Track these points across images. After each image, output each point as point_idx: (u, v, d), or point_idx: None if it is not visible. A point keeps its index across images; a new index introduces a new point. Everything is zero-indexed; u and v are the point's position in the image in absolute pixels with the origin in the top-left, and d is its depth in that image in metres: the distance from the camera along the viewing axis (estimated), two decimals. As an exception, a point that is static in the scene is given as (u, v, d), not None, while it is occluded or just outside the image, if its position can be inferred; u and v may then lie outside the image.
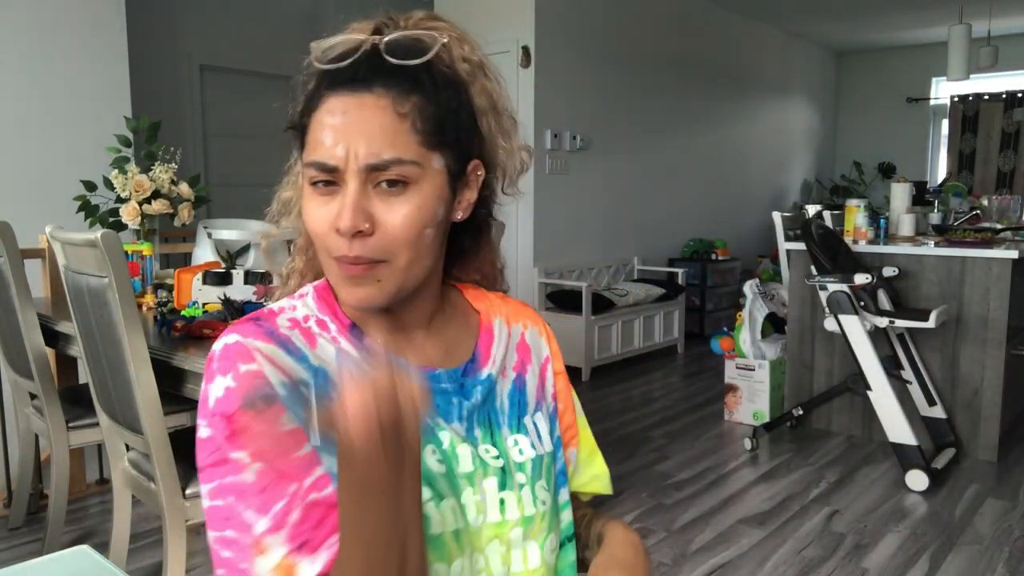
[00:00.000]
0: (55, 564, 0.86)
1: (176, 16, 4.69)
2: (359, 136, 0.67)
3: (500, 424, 0.80)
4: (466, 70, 0.74)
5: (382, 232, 0.68)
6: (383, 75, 0.68)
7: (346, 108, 0.67)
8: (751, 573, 2.33)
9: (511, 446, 0.80)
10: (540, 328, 0.90)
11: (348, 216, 0.66)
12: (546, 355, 0.89)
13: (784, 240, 3.88)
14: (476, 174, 0.75)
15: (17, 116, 3.07)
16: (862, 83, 8.40)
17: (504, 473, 0.77)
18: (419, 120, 0.68)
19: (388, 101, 0.67)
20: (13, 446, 2.79)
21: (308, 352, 0.71)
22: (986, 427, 3.31)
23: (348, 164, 0.67)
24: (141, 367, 1.73)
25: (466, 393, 0.79)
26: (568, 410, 0.90)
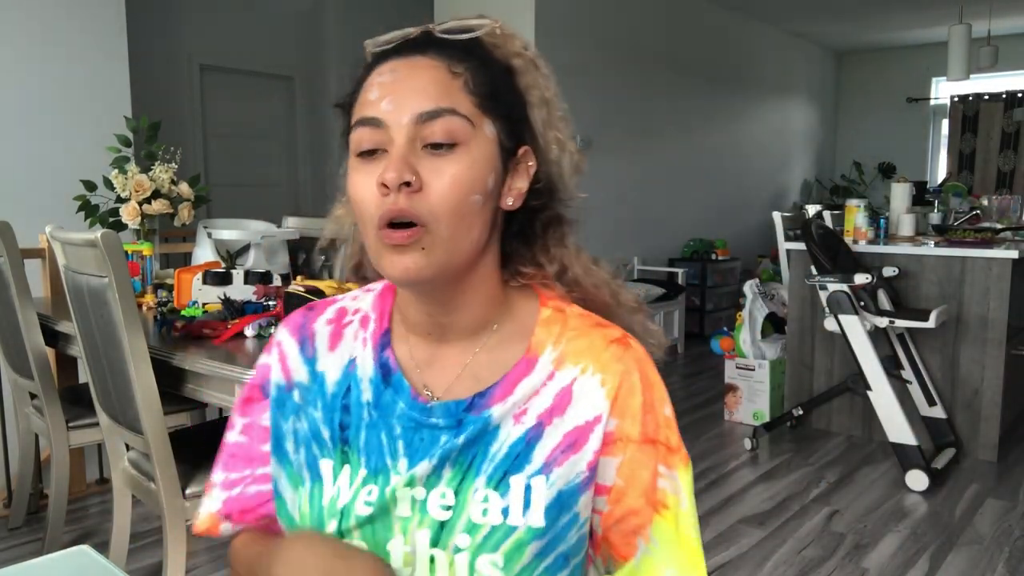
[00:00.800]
0: (55, 564, 0.86)
1: (176, 16, 4.69)
2: (409, 90, 0.64)
3: (480, 471, 0.68)
4: (519, 63, 0.72)
5: (428, 191, 0.63)
6: (436, 44, 0.67)
7: (395, 68, 0.66)
8: (751, 573, 2.33)
9: (476, 500, 0.68)
10: (607, 378, 0.70)
11: (394, 167, 0.62)
12: (599, 412, 0.69)
13: (784, 240, 3.88)
14: (527, 163, 0.71)
15: (17, 116, 3.07)
16: (862, 83, 8.40)
17: (441, 528, 0.68)
18: (472, 82, 0.66)
19: (442, 62, 0.66)
20: (13, 446, 2.79)
21: (321, 354, 0.76)
22: (986, 427, 3.31)
23: (396, 119, 0.64)
24: (141, 367, 1.73)
25: (459, 431, 0.70)
26: (631, 492, 0.70)
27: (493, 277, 0.72)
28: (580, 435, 0.69)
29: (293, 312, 0.81)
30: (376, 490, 0.70)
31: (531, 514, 0.67)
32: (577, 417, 0.69)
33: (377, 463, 0.71)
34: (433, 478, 0.69)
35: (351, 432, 0.72)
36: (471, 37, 0.68)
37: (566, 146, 0.74)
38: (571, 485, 0.69)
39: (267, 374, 0.78)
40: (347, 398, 0.73)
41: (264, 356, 0.79)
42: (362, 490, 0.70)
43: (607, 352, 0.71)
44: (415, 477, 0.69)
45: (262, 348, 1.45)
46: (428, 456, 0.69)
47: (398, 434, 0.71)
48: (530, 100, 0.71)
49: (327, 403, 0.74)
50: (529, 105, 0.71)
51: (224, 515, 0.79)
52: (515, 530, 0.67)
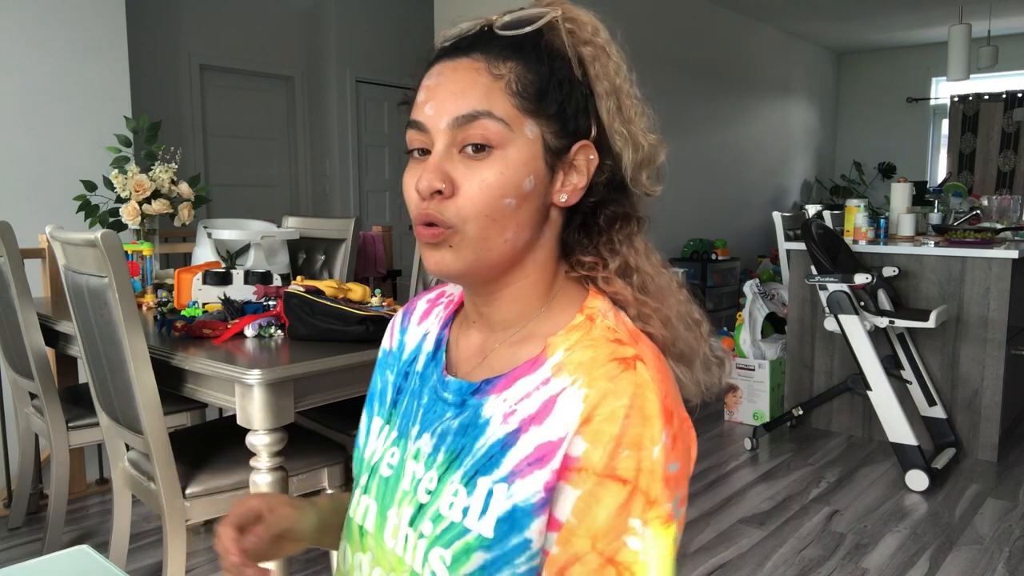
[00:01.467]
0: (55, 564, 0.86)
1: (176, 16, 4.69)
2: (448, 94, 0.66)
3: (461, 464, 0.67)
4: (587, 52, 0.70)
5: (458, 196, 0.65)
6: (484, 43, 0.67)
7: (441, 70, 0.67)
8: (751, 573, 2.33)
9: (448, 493, 0.67)
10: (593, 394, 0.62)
11: (426, 176, 0.65)
12: (566, 432, 0.62)
13: (784, 240, 3.88)
14: (587, 158, 0.69)
15: (17, 116, 3.07)
16: (862, 83, 8.40)
17: (419, 510, 0.69)
18: (515, 83, 0.65)
19: (483, 64, 0.66)
20: (13, 446, 2.79)
21: (411, 327, 0.83)
22: (986, 427, 3.31)
23: (436, 123, 0.65)
24: (141, 367, 1.73)
25: (459, 412, 0.70)
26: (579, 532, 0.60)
27: (542, 272, 0.71)
28: (548, 451, 0.63)
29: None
30: (398, 454, 0.75)
31: (484, 521, 0.64)
32: (551, 431, 0.63)
33: (404, 427, 0.76)
34: (431, 459, 0.71)
35: (401, 396, 0.79)
36: (529, 31, 0.67)
37: (634, 138, 0.72)
38: (527, 503, 0.62)
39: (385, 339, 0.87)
40: (411, 366, 0.80)
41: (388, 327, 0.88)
42: (388, 451, 0.76)
43: (603, 368, 0.63)
44: (420, 451, 0.73)
45: (262, 348, 1.46)
46: (430, 429, 0.73)
47: (423, 403, 0.75)
48: (597, 91, 0.70)
49: (399, 368, 0.81)
50: (596, 96, 0.70)
51: None
52: (467, 533, 0.64)
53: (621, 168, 0.71)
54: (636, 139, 0.72)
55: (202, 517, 1.85)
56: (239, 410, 1.65)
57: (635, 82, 0.75)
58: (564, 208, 0.70)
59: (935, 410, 3.33)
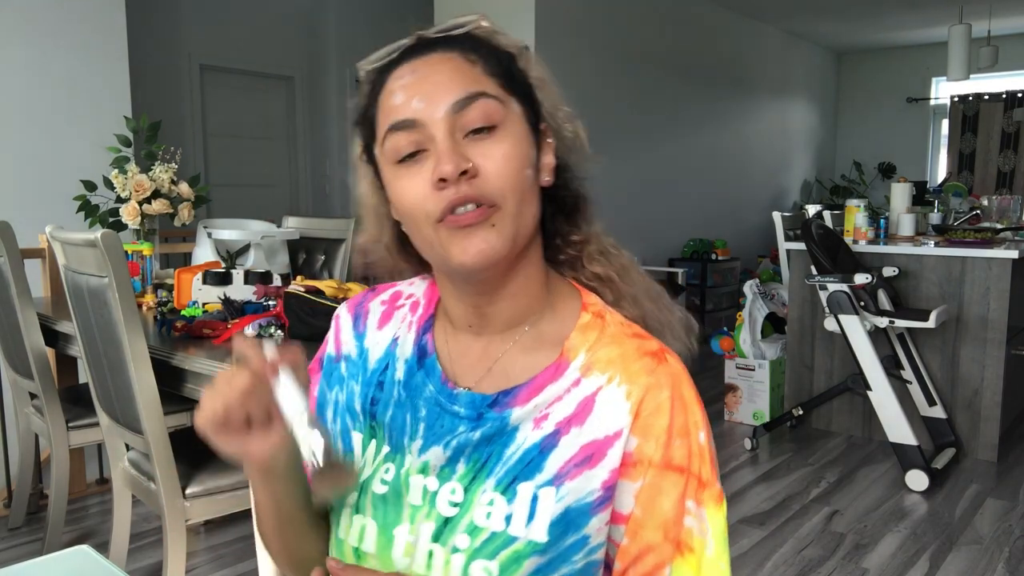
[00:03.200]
0: (55, 564, 0.86)
1: (176, 16, 4.69)
2: (435, 84, 0.64)
3: (491, 472, 0.66)
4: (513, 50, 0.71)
5: (485, 172, 0.62)
6: (440, 42, 0.67)
7: (414, 68, 0.65)
8: (751, 573, 2.33)
9: (482, 502, 0.66)
10: (633, 391, 0.65)
11: (448, 159, 0.61)
12: (619, 428, 0.64)
13: (784, 240, 3.88)
14: (547, 140, 0.70)
15: (17, 116, 3.07)
16: (862, 83, 8.40)
17: (445, 524, 0.66)
18: (488, 66, 0.66)
19: (455, 53, 0.65)
20: (13, 446, 2.79)
21: (370, 332, 0.78)
22: (986, 427, 3.31)
23: (430, 115, 0.63)
24: (141, 367, 1.73)
25: (478, 424, 0.68)
26: (648, 523, 0.64)
27: (537, 262, 0.71)
28: (598, 449, 0.64)
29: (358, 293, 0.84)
30: (393, 470, 0.71)
31: (534, 527, 0.64)
32: (596, 430, 0.65)
33: (398, 441, 0.72)
34: (447, 471, 0.68)
35: (379, 408, 0.74)
36: (464, 32, 0.68)
37: (572, 122, 0.74)
38: (582, 503, 0.64)
39: (323, 348, 0.81)
40: (383, 375, 0.75)
41: (331, 332, 0.82)
42: (381, 467, 0.72)
43: (638, 363, 0.66)
44: (428, 465, 0.69)
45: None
46: (441, 443, 0.68)
47: (422, 416, 0.71)
48: (533, 82, 0.71)
49: (366, 378, 0.76)
50: (534, 87, 0.71)
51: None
52: (515, 540, 0.64)
53: (570, 151, 0.73)
54: (574, 123, 0.74)
55: (202, 517, 1.85)
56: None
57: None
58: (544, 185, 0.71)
59: (935, 410, 3.33)
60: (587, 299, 0.72)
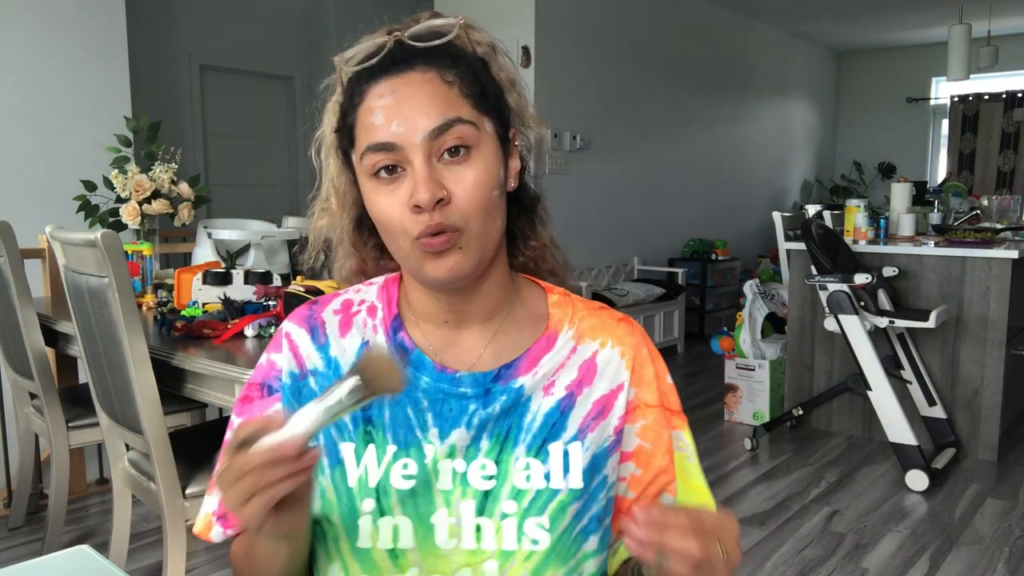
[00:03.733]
0: (55, 564, 0.86)
1: (176, 16, 4.69)
2: (413, 108, 0.67)
3: (518, 441, 0.74)
4: (486, 52, 0.74)
5: (456, 199, 0.67)
6: (419, 56, 0.69)
7: (394, 88, 0.68)
8: (751, 573, 2.33)
9: (518, 468, 0.73)
10: (625, 350, 0.78)
11: (425, 189, 0.65)
12: (621, 381, 0.77)
13: (784, 240, 3.88)
14: (515, 143, 0.75)
15: (17, 116, 3.07)
16: (862, 83, 8.40)
17: (486, 497, 0.72)
18: (465, 86, 0.69)
19: (433, 74, 0.68)
20: (13, 446, 2.79)
21: (333, 341, 0.77)
22: (986, 427, 3.31)
23: (408, 139, 0.66)
24: (141, 367, 1.73)
25: (488, 400, 0.74)
26: (658, 452, 0.77)
27: (504, 261, 0.77)
28: (607, 402, 0.76)
29: (296, 309, 0.82)
30: (413, 463, 0.73)
31: (571, 477, 0.73)
32: (603, 386, 0.76)
33: (407, 437, 0.74)
34: (472, 450, 0.73)
35: (374, 411, 0.75)
36: (444, 42, 0.70)
37: (536, 123, 0.78)
38: (602, 448, 0.75)
39: (271, 371, 0.78)
40: None
41: (269, 353, 0.79)
42: (394, 465, 0.73)
43: (619, 328, 0.79)
44: (455, 447, 0.73)
45: (263, 348, 1.43)
46: (461, 424, 0.73)
47: (425, 407, 0.74)
48: (503, 85, 0.74)
49: None
50: (504, 90, 0.74)
51: (218, 516, 0.76)
52: (558, 493, 0.73)
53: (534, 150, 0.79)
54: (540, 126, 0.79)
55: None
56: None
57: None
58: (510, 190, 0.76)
59: (935, 410, 3.33)
60: (545, 285, 0.82)
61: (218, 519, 0.76)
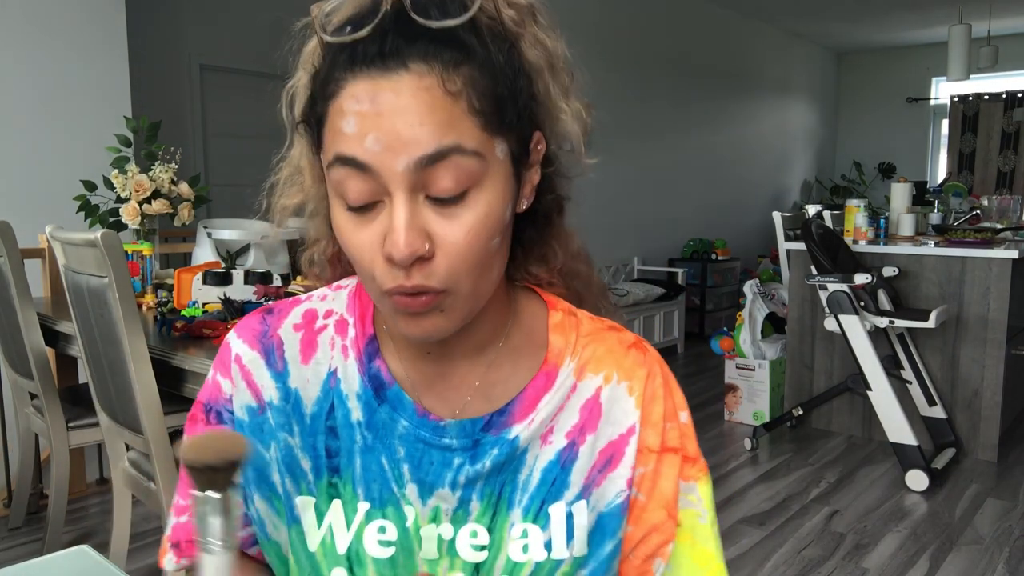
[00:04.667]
0: (55, 564, 0.86)
1: (176, 16, 4.69)
2: (398, 125, 0.49)
3: (513, 504, 0.61)
4: (512, 18, 0.54)
5: (442, 254, 0.51)
6: (420, 43, 0.50)
7: (375, 92, 0.49)
8: (751, 573, 2.33)
9: (514, 536, 0.60)
10: (634, 386, 0.63)
11: (404, 241, 0.50)
12: (631, 424, 0.62)
13: (784, 240, 3.88)
14: (538, 149, 0.58)
15: (17, 116, 3.07)
16: (862, 83, 8.40)
17: (477, 572, 0.61)
18: (475, 97, 0.50)
19: (434, 79, 0.49)
20: (13, 446, 2.79)
21: (292, 368, 0.63)
22: (986, 427, 3.31)
23: (387, 164, 0.49)
24: (141, 367, 1.73)
25: (476, 455, 0.61)
26: (653, 506, 0.63)
27: (502, 283, 0.62)
28: (615, 450, 0.62)
29: (246, 317, 0.66)
30: (391, 527, 0.61)
31: (575, 544, 0.61)
32: (610, 431, 0.62)
33: (382, 493, 0.61)
34: (460, 514, 0.61)
35: (342, 460, 0.62)
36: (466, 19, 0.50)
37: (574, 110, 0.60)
38: (612, 506, 0.62)
39: (217, 395, 0.65)
40: (331, 419, 0.62)
41: (216, 371, 0.65)
42: (368, 527, 0.61)
43: (628, 358, 0.64)
44: (439, 511, 0.61)
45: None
46: (445, 484, 0.60)
47: (401, 456, 0.61)
48: (532, 65, 0.56)
49: (306, 427, 0.62)
50: (532, 72, 0.56)
51: (172, 543, 0.67)
52: (560, 564, 0.61)
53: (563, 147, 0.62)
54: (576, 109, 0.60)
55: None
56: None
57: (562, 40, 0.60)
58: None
59: (935, 410, 3.33)
60: (548, 297, 0.66)
61: (172, 547, 0.66)
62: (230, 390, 0.64)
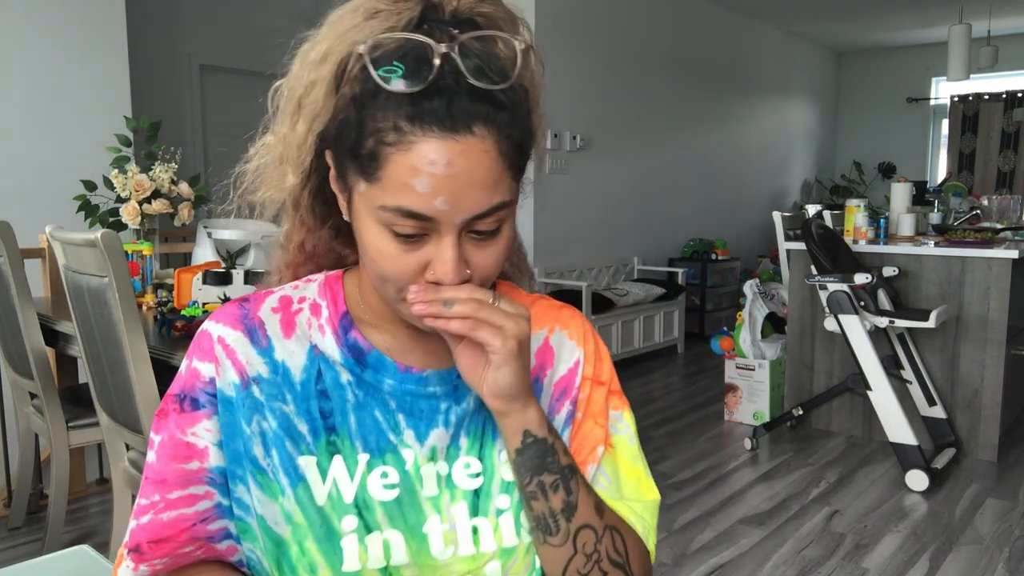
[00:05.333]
0: (55, 564, 0.86)
1: (176, 16, 4.69)
2: (466, 187, 0.57)
3: (496, 435, 0.71)
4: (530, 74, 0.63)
5: (476, 275, 0.62)
6: (481, 106, 0.57)
7: (450, 155, 0.56)
8: (751, 573, 2.33)
9: (503, 461, 0.70)
10: (573, 331, 0.77)
11: (453, 271, 0.59)
12: (577, 358, 0.76)
13: (784, 240, 3.88)
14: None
15: (17, 116, 3.07)
16: (862, 83, 8.40)
17: (477, 497, 0.69)
18: (513, 153, 0.59)
19: (492, 144, 0.57)
20: (13, 446, 2.79)
21: (277, 343, 0.69)
22: (986, 427, 3.31)
23: (448, 218, 0.58)
24: (141, 367, 1.73)
25: (458, 397, 0.70)
26: (589, 420, 0.74)
27: None
28: (568, 381, 0.75)
29: (220, 308, 0.71)
30: (393, 471, 0.68)
31: None
32: (562, 367, 0.75)
33: (380, 442, 0.68)
34: (452, 450, 0.69)
35: (336, 419, 0.68)
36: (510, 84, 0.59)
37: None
38: (564, 420, 0.74)
39: (194, 381, 0.68)
40: (320, 383, 0.68)
41: (191, 360, 0.69)
42: (371, 475, 0.67)
43: (562, 313, 0.78)
44: (436, 450, 0.69)
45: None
46: (437, 424, 0.69)
47: (394, 407, 0.69)
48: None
49: (298, 393, 0.68)
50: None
51: (130, 549, 0.67)
52: None
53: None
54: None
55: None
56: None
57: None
58: None
59: (935, 410, 3.33)
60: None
61: (130, 552, 0.67)
62: (211, 372, 0.67)
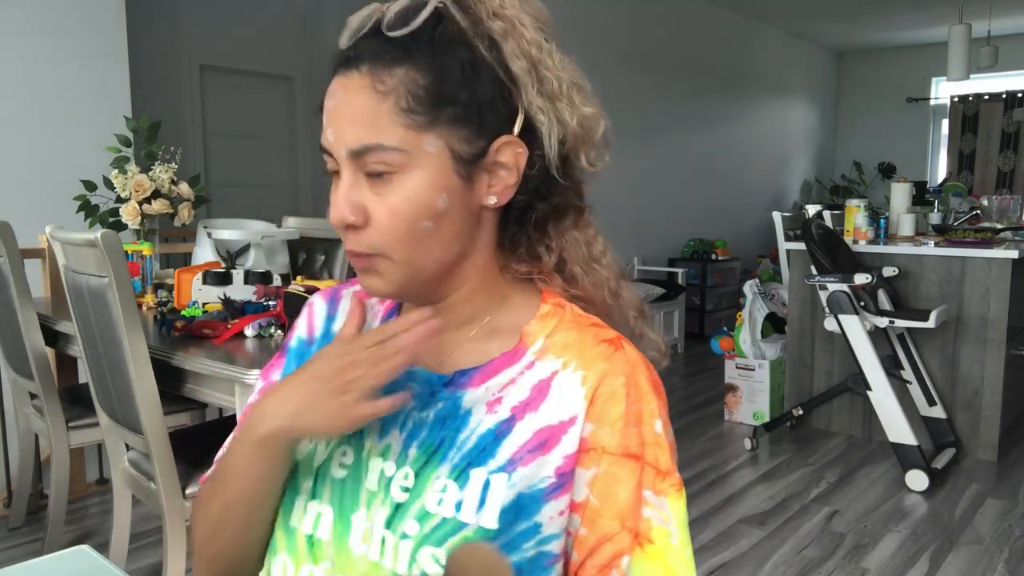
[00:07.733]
0: (55, 564, 0.86)
1: (176, 16, 4.69)
2: (344, 120, 0.61)
3: (445, 459, 0.64)
4: (498, 27, 0.62)
5: (373, 226, 0.62)
6: (372, 49, 0.61)
7: (335, 90, 0.62)
8: (751, 573, 2.33)
9: (435, 488, 0.64)
10: (589, 376, 0.64)
11: (335, 209, 0.62)
12: (573, 414, 0.63)
13: (784, 240, 3.88)
14: (515, 152, 0.63)
15: (17, 116, 3.07)
16: (862, 83, 8.40)
17: (396, 511, 0.64)
18: (405, 98, 0.60)
19: (368, 80, 0.60)
20: (13, 446, 2.79)
21: (340, 316, 0.77)
22: (986, 427, 3.31)
23: (336, 151, 0.62)
24: (141, 367, 1.73)
25: (424, 404, 0.67)
26: (606, 513, 0.62)
27: (486, 271, 0.69)
28: (552, 435, 0.63)
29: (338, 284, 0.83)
30: (351, 453, 0.68)
31: (484, 513, 0.62)
32: (551, 415, 0.63)
33: None
34: (402, 456, 0.66)
35: None
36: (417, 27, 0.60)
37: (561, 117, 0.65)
38: (534, 489, 0.62)
39: (290, 335, 0.80)
40: None
41: (300, 320, 0.80)
42: (337, 450, 0.69)
43: (595, 350, 0.65)
44: (389, 449, 0.67)
45: (262, 348, 1.42)
46: (396, 425, 0.67)
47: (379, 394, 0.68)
48: (514, 71, 0.62)
49: None
50: (516, 78, 0.63)
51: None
52: (464, 527, 0.62)
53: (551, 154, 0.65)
54: (563, 117, 0.65)
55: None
56: (239, 410, 1.65)
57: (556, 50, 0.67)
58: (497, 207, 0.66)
59: (935, 410, 3.33)
60: (548, 292, 0.71)
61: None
62: (298, 329, 0.79)
